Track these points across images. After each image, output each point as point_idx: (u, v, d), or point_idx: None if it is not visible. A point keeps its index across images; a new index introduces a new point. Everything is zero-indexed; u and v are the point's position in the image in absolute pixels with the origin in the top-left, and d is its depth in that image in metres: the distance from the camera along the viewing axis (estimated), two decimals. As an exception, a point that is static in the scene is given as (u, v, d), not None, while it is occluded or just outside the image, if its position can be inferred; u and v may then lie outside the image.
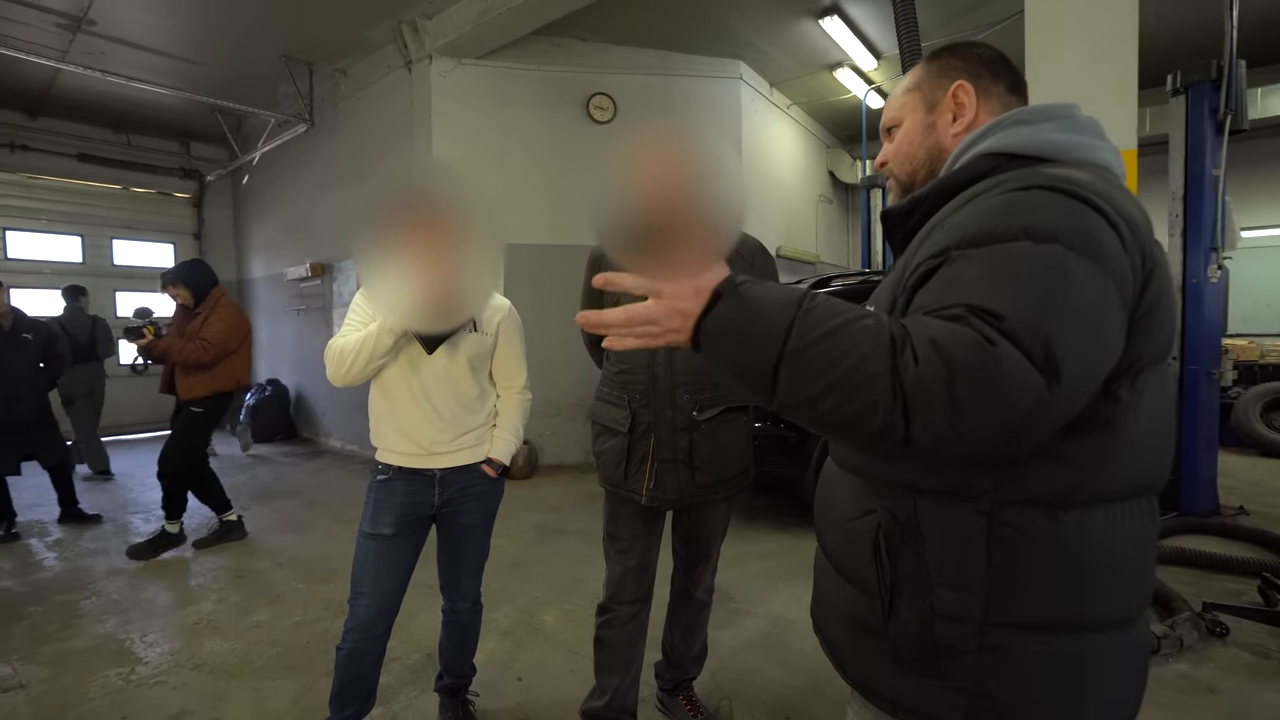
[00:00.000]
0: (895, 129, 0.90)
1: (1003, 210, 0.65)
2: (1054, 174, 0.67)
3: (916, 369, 0.56)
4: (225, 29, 5.23)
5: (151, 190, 7.87)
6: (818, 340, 0.60)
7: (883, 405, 0.57)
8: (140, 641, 2.48)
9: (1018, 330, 0.57)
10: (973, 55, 0.86)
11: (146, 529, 3.92)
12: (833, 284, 4.23)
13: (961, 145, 0.80)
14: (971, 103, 0.83)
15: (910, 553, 0.71)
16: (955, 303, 0.61)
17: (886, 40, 5.73)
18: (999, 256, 0.62)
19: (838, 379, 0.59)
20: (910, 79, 0.89)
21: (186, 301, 3.50)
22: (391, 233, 1.45)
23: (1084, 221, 0.62)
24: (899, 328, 0.60)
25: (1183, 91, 3.65)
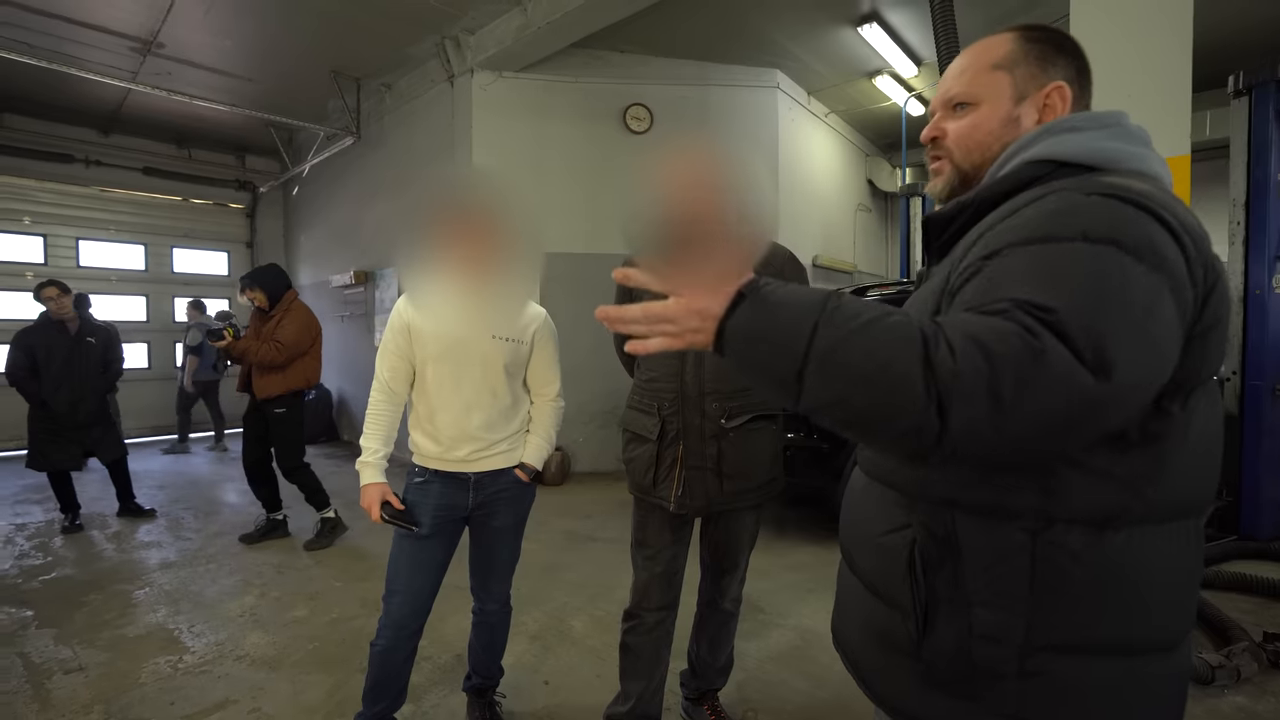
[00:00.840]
0: (966, 107, 0.79)
1: (1058, 214, 0.62)
2: (1114, 182, 0.65)
3: (953, 364, 0.53)
4: (279, 48, 5.48)
5: (209, 201, 8.27)
6: (844, 339, 0.57)
7: (915, 403, 0.54)
8: (188, 631, 2.59)
9: (1067, 324, 0.53)
10: (1075, 52, 0.78)
11: (196, 524, 4.10)
12: (870, 293, 4.17)
13: (1009, 151, 0.76)
14: (1065, 111, 0.76)
15: (948, 570, 0.69)
16: (1000, 297, 0.58)
17: (927, 47, 5.63)
18: (1050, 254, 0.59)
19: (865, 378, 0.56)
20: (1000, 53, 0.78)
21: (262, 304, 3.67)
22: (433, 237, 1.49)
23: (1145, 230, 0.60)
24: (930, 324, 0.57)
25: (1245, 93, 3.49)
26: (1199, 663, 2.12)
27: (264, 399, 3.58)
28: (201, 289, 8.28)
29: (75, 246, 7.32)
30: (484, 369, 1.71)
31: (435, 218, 1.56)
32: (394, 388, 1.73)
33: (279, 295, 3.68)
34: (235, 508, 4.51)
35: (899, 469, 0.76)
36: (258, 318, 3.73)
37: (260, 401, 3.61)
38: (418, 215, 1.58)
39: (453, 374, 1.70)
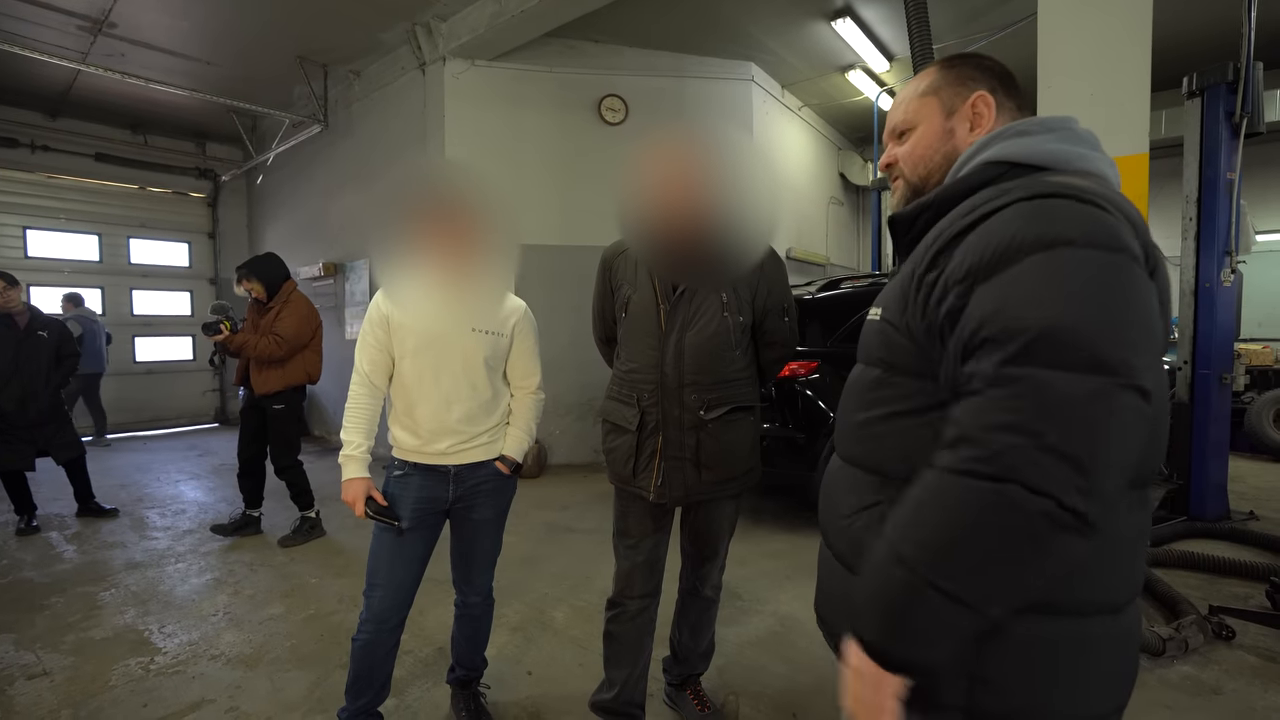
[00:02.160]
0: (908, 132, 0.91)
1: (1018, 220, 0.67)
2: (1058, 181, 0.70)
3: (993, 464, 0.58)
4: (241, 31, 5.30)
5: (167, 190, 7.98)
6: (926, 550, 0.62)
7: (1020, 515, 0.58)
8: (159, 632, 2.53)
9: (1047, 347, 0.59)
10: (989, 68, 0.88)
11: (163, 522, 3.99)
12: (843, 285, 4.24)
13: (966, 153, 0.82)
14: (990, 114, 0.85)
15: None
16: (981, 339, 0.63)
17: (899, 43, 5.72)
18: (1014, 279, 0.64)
19: (985, 549, 0.59)
20: (925, 83, 0.90)
21: (259, 295, 3.54)
22: (411, 231, 1.48)
23: (1096, 220, 0.65)
24: (956, 453, 0.61)
25: (1198, 94, 3.63)
26: (1150, 635, 2.24)
27: (262, 395, 3.49)
28: (162, 280, 8.02)
29: (22, 236, 7.00)
30: (464, 362, 1.70)
31: (412, 210, 1.54)
32: (374, 381, 1.71)
33: (277, 286, 3.55)
34: (203, 505, 4.40)
35: (869, 452, 0.82)
36: (255, 310, 3.60)
37: (259, 397, 3.52)
38: (394, 208, 1.56)
39: (432, 367, 1.69)
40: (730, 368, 1.63)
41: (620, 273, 1.71)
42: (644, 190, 1.22)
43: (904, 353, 0.77)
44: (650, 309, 1.63)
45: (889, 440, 0.79)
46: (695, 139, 1.25)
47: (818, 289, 4.17)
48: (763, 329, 1.70)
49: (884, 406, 0.80)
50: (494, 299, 1.77)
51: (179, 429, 7.89)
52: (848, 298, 3.98)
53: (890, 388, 0.80)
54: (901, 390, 0.78)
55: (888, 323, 0.81)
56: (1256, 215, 4.45)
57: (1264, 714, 1.97)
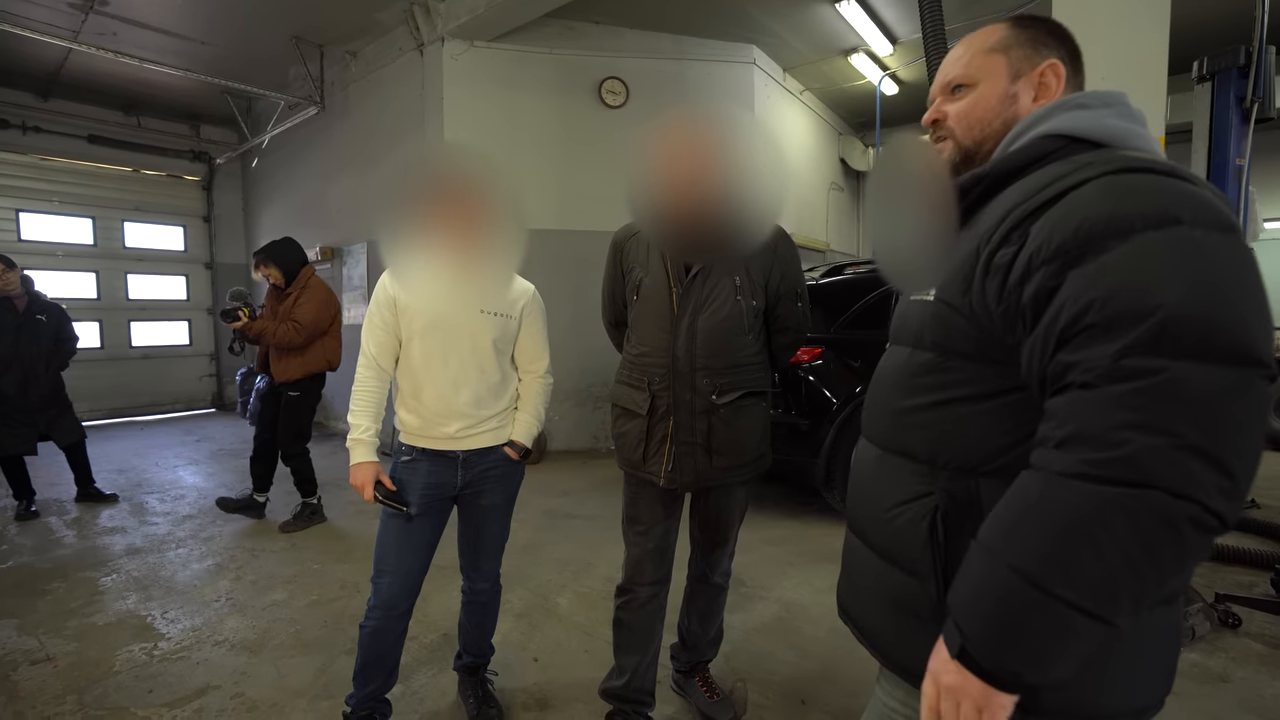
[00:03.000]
0: (965, 88, 0.83)
1: (1113, 196, 0.62)
2: (1143, 156, 0.66)
3: (1124, 468, 0.54)
4: (235, 9, 5.19)
5: (161, 173, 7.85)
6: (1062, 558, 0.57)
7: (1155, 524, 0.53)
8: (162, 618, 2.52)
9: (1178, 334, 0.54)
10: (1064, 36, 0.83)
11: (162, 508, 3.97)
12: (845, 271, 4.21)
13: (1021, 125, 0.78)
14: (1058, 86, 0.79)
15: (970, 533, 0.70)
16: (1085, 325, 0.58)
17: (904, 25, 5.64)
18: (1126, 257, 0.58)
19: (1110, 560, 0.55)
20: (994, 39, 0.83)
21: (277, 281, 3.48)
22: (419, 213, 1.45)
23: (1198, 196, 0.61)
24: (1064, 459, 0.56)
25: (1209, 78, 3.57)
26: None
27: (282, 382, 3.46)
28: (157, 264, 7.93)
29: (15, 219, 6.89)
30: (472, 344, 1.67)
31: (420, 192, 1.51)
32: (381, 363, 1.68)
33: (295, 271, 3.49)
34: (202, 490, 4.38)
35: (917, 440, 0.78)
36: (274, 296, 3.55)
37: (278, 384, 3.49)
38: (401, 189, 1.53)
39: (440, 349, 1.66)
40: (743, 352, 1.60)
41: (631, 255, 1.68)
42: (654, 170, 1.20)
43: (964, 336, 0.73)
44: (662, 292, 1.60)
45: (942, 428, 0.75)
46: (703, 117, 1.24)
47: (821, 275, 4.14)
48: (776, 313, 1.67)
49: (937, 393, 0.76)
50: (502, 280, 1.73)
51: (176, 414, 7.85)
52: (852, 283, 3.94)
53: (946, 373, 0.75)
54: (960, 375, 0.74)
55: (945, 304, 0.75)
56: (1264, 202, 4.43)
57: (1272, 701, 1.98)
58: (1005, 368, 0.69)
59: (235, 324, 3.43)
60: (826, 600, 2.66)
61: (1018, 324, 0.67)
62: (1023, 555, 0.59)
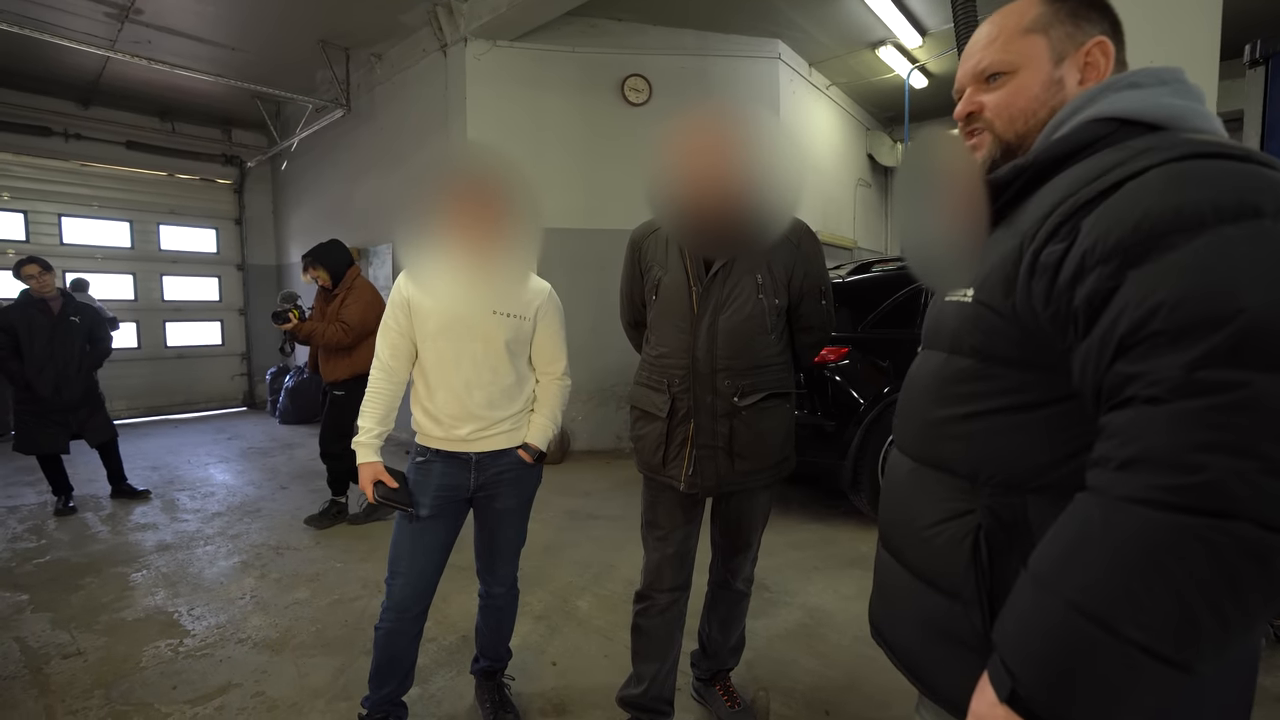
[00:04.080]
0: (1003, 76, 0.75)
1: (1174, 186, 0.54)
2: (1211, 139, 0.58)
3: (1220, 492, 0.47)
4: (264, 15, 5.28)
5: (195, 177, 8.05)
6: (1135, 599, 0.50)
7: (1248, 554, 0.47)
8: (188, 614, 2.55)
9: (1260, 343, 0.47)
10: (1105, 7, 0.74)
11: (192, 505, 4.05)
12: (873, 269, 4.11)
13: (1066, 110, 0.70)
14: (1108, 65, 0.71)
15: (1017, 556, 0.64)
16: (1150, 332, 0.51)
17: (934, 16, 5.49)
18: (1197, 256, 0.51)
19: (1174, 604, 0.48)
20: (1029, 17, 0.74)
21: (325, 283, 3.54)
22: (437, 213, 1.43)
23: (1277, 185, 0.53)
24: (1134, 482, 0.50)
25: (1262, 62, 3.39)
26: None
27: (329, 382, 3.51)
28: (191, 266, 8.13)
29: (58, 223, 7.13)
30: (485, 345, 1.65)
31: (438, 191, 1.49)
32: (393, 366, 1.67)
33: (341, 273, 3.54)
34: (231, 488, 4.46)
35: (955, 453, 0.71)
36: (322, 298, 3.61)
37: (326, 385, 3.55)
38: (419, 189, 1.52)
39: (452, 351, 1.64)
40: (765, 352, 1.55)
41: (650, 254, 1.63)
42: (672, 165, 1.17)
43: (1007, 341, 0.66)
44: (682, 291, 1.55)
45: (983, 440, 0.68)
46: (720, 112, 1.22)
47: (848, 272, 4.04)
48: (799, 312, 1.61)
49: (976, 402, 0.69)
50: (516, 281, 1.70)
51: (208, 412, 8.04)
52: (879, 281, 3.84)
53: (987, 380, 0.69)
54: (1003, 384, 0.67)
55: (985, 305, 0.68)
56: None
57: (1333, 723, 1.85)
58: (1053, 375, 0.62)
59: (286, 325, 3.48)
60: (852, 607, 2.59)
61: (1069, 328, 0.60)
62: (1084, 591, 0.52)
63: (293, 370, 7.49)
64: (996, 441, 0.67)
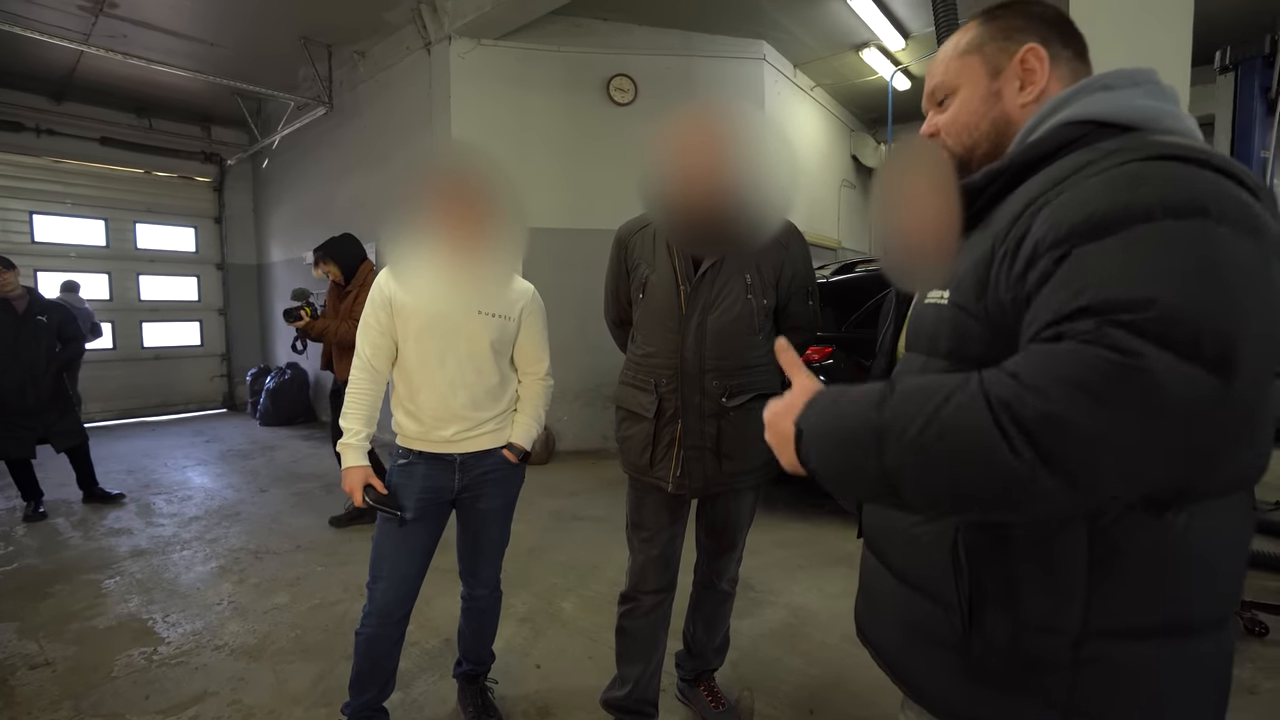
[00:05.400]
0: (949, 97, 0.80)
1: (1130, 184, 0.56)
2: (1177, 142, 0.59)
3: (1044, 432, 0.49)
4: (244, 10, 5.19)
5: (173, 174, 7.91)
6: (917, 432, 0.55)
7: (1012, 472, 0.50)
8: (163, 621, 2.49)
9: (1169, 328, 0.48)
10: (1037, 15, 0.77)
11: (169, 509, 3.96)
12: (856, 269, 4.14)
13: (1039, 113, 0.71)
14: (1043, 69, 0.74)
15: (996, 561, 0.65)
16: (1077, 307, 0.52)
17: (916, 19, 5.55)
18: (1129, 241, 0.53)
19: (949, 467, 0.54)
20: (966, 40, 0.79)
21: (337, 278, 3.43)
22: (422, 212, 1.41)
23: (1229, 192, 0.54)
24: (999, 384, 0.53)
25: (1232, 68, 3.47)
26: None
27: (343, 380, 3.43)
28: (169, 265, 7.98)
29: (29, 221, 6.96)
30: (469, 346, 1.63)
31: (422, 190, 1.47)
32: (376, 365, 1.64)
33: (354, 268, 3.41)
34: (210, 491, 4.37)
35: None
36: (334, 294, 3.50)
37: (339, 382, 3.47)
38: (403, 188, 1.50)
39: (436, 351, 1.62)
40: (753, 352, 1.54)
41: (637, 251, 1.62)
42: (667, 162, 1.16)
43: (978, 342, 0.67)
44: (670, 290, 1.54)
45: None
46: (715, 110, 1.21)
47: (832, 272, 4.07)
48: (786, 312, 1.61)
49: None
50: (500, 281, 1.69)
51: (186, 414, 7.89)
52: (863, 281, 3.87)
53: None
54: None
55: (959, 308, 0.69)
56: (1287, 198, 4.31)
57: (1304, 715, 1.89)
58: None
59: (298, 323, 3.38)
60: (837, 606, 2.60)
61: (1023, 310, 0.61)
62: (896, 419, 0.57)
63: (273, 371, 7.38)
64: None
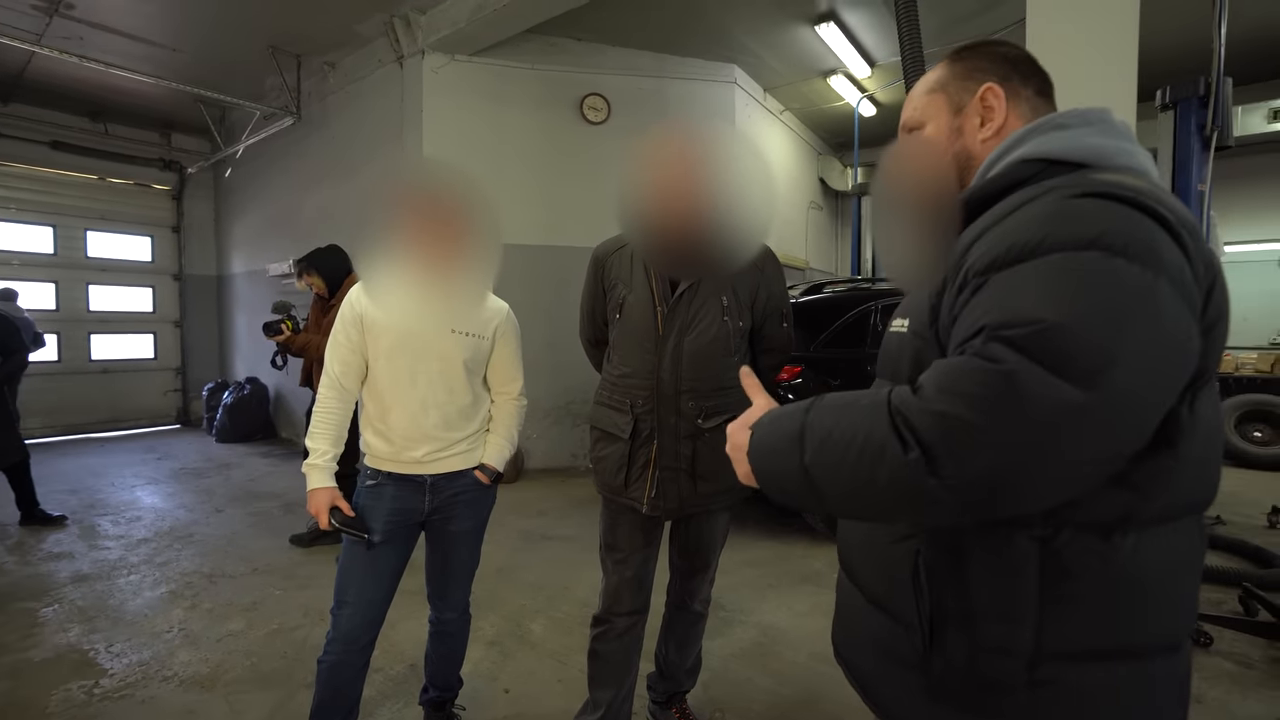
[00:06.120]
0: (916, 131, 0.85)
1: (1050, 218, 0.61)
2: (1106, 179, 0.63)
3: (922, 418, 0.56)
4: (209, 17, 5.09)
5: (129, 181, 7.64)
6: (826, 427, 0.63)
7: (902, 468, 0.56)
8: (106, 652, 2.36)
9: (1045, 343, 0.53)
10: (999, 55, 0.82)
11: (115, 531, 3.77)
12: (824, 290, 4.22)
13: (997, 150, 0.75)
14: (1001, 106, 0.79)
15: (954, 582, 0.67)
16: (978, 327, 0.58)
17: (882, 49, 5.76)
18: (1036, 271, 0.58)
19: (851, 454, 0.59)
20: (932, 79, 0.85)
21: (320, 291, 3.28)
22: (396, 229, 1.40)
23: (1139, 228, 0.58)
24: (902, 387, 0.60)
25: (1171, 107, 3.69)
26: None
27: None
28: (122, 275, 7.68)
29: (-30, 226, 6.63)
30: (442, 365, 1.61)
31: (395, 208, 1.46)
32: (345, 384, 1.61)
33: (339, 281, 3.23)
34: (160, 512, 4.18)
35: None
36: (318, 307, 3.35)
37: None
38: (375, 205, 1.48)
39: (408, 369, 1.59)
40: (729, 374, 1.56)
41: (614, 271, 1.63)
42: (646, 183, 1.17)
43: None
44: (647, 311, 1.55)
45: None
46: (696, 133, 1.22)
47: (801, 293, 4.14)
48: (762, 334, 1.63)
49: None
50: (475, 299, 1.67)
51: (137, 430, 7.56)
52: (831, 302, 3.96)
53: None
54: None
55: (916, 335, 0.73)
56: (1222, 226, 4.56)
57: (1248, 723, 1.97)
58: None
59: (278, 337, 3.24)
60: (806, 624, 2.61)
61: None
62: (817, 426, 0.64)
63: (232, 386, 7.14)
64: None
